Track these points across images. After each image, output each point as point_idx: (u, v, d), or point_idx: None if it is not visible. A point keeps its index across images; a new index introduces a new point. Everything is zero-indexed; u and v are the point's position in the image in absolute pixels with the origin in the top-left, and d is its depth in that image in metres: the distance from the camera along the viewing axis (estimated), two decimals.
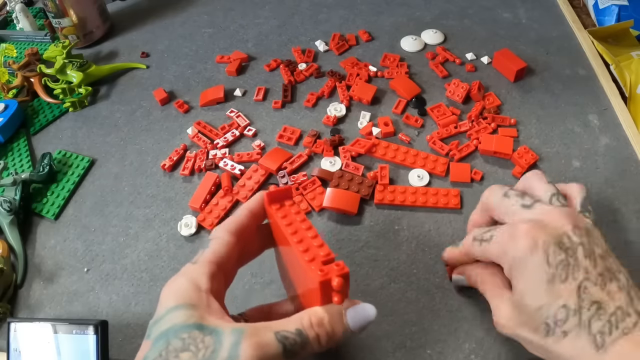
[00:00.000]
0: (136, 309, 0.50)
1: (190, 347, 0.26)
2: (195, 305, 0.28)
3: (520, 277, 0.33)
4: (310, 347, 0.28)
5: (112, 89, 0.75)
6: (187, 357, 0.25)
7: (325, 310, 0.29)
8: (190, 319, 0.27)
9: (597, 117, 0.61)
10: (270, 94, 0.70)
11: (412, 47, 0.73)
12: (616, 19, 0.72)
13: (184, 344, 0.26)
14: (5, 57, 0.77)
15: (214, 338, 0.26)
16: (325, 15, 0.82)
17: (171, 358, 0.25)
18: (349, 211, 0.53)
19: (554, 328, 0.31)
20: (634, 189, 0.54)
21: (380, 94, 0.67)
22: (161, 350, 0.26)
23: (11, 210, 0.57)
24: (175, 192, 0.60)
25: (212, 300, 0.28)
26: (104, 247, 0.56)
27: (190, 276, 0.30)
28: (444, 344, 0.44)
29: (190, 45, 0.80)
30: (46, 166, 0.61)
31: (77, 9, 0.78)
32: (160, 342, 0.26)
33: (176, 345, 0.26)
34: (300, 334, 0.28)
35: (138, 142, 0.66)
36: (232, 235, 0.32)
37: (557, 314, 0.31)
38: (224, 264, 0.31)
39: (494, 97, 0.64)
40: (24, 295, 0.53)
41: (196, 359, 0.25)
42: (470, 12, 0.79)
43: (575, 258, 0.32)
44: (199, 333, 0.26)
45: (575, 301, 0.31)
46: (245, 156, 0.61)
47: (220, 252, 0.31)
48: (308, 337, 0.28)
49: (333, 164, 0.58)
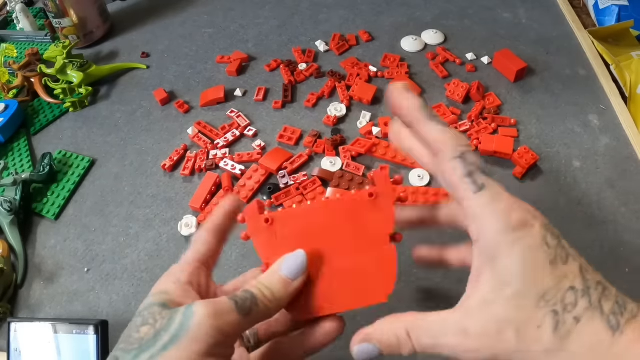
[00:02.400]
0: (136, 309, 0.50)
1: (149, 321, 0.27)
2: (167, 292, 0.29)
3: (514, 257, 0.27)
4: (262, 303, 0.28)
5: (112, 89, 0.75)
6: (146, 329, 0.26)
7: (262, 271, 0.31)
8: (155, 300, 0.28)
9: (597, 117, 0.61)
10: (271, 94, 0.70)
11: (413, 47, 0.73)
12: (616, 19, 0.72)
13: (143, 319, 0.27)
14: (6, 57, 0.77)
15: (171, 310, 0.27)
16: (325, 16, 0.82)
17: (133, 333, 0.26)
18: None
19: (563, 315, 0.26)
20: (634, 189, 0.54)
21: (380, 94, 0.67)
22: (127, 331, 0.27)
23: (11, 210, 0.57)
24: (175, 192, 0.60)
25: (188, 290, 0.29)
26: (104, 247, 0.56)
27: (170, 273, 0.31)
28: None
29: (190, 46, 0.80)
30: (46, 166, 0.61)
31: (77, 9, 0.79)
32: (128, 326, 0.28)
33: (137, 322, 0.27)
34: (246, 291, 0.29)
35: (138, 142, 0.66)
36: (210, 234, 0.33)
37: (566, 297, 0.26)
38: (205, 260, 0.32)
39: (494, 97, 0.64)
40: (24, 295, 0.53)
41: (154, 329, 0.26)
42: (471, 12, 0.79)
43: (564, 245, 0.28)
44: (159, 309, 0.27)
45: (581, 282, 0.27)
46: (246, 156, 0.61)
47: (201, 250, 0.32)
48: (254, 293, 0.29)
49: (333, 164, 0.58)
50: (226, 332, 0.26)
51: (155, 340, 0.25)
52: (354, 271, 0.31)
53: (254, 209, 0.32)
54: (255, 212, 0.32)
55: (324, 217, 0.32)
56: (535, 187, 0.55)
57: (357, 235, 0.31)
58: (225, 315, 0.27)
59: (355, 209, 0.31)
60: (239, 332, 0.28)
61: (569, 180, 0.55)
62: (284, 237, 0.32)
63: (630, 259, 0.48)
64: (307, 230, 0.32)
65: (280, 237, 0.32)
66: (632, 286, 0.46)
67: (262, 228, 0.32)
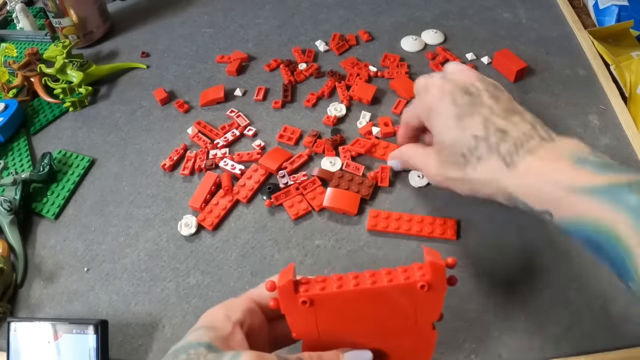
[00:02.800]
0: (136, 308, 0.50)
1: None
2: (215, 329, 0.28)
3: (435, 121, 0.40)
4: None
5: (112, 88, 0.75)
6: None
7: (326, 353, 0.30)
8: (202, 338, 0.27)
9: (597, 117, 0.61)
10: (271, 93, 0.70)
11: (412, 47, 0.73)
12: (616, 19, 0.72)
13: (188, 358, 0.26)
14: (6, 56, 0.77)
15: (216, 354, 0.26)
16: (325, 15, 0.82)
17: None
18: (349, 211, 0.53)
19: (469, 156, 0.37)
20: None
21: (380, 94, 0.67)
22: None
23: (11, 210, 0.57)
24: (175, 191, 0.60)
25: (237, 331, 0.28)
26: (104, 247, 0.56)
27: (226, 306, 0.30)
28: (444, 344, 0.44)
29: (190, 45, 0.80)
30: (46, 166, 0.61)
31: (77, 8, 0.78)
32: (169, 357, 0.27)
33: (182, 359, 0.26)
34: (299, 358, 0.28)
35: (138, 142, 0.66)
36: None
37: (469, 143, 0.37)
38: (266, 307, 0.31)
39: None
40: (24, 295, 0.53)
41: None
42: (470, 12, 0.79)
43: (480, 99, 0.38)
44: (205, 350, 0.26)
45: (482, 131, 0.37)
46: (246, 156, 0.61)
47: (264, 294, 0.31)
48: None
49: (333, 164, 0.58)
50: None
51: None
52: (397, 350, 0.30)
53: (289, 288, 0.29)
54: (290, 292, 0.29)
55: (367, 304, 0.30)
56: None
57: (401, 321, 0.30)
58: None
59: (403, 295, 0.29)
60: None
61: None
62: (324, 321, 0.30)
63: None
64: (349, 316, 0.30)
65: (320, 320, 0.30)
66: None
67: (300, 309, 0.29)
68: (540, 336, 0.44)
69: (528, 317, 0.45)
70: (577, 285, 0.47)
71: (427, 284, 0.28)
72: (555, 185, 0.33)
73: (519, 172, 0.35)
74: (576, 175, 0.33)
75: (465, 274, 0.48)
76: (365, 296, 0.29)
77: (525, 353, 0.43)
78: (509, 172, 0.35)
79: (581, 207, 0.31)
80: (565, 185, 0.32)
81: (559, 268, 0.48)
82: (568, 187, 0.32)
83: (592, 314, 0.45)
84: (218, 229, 0.55)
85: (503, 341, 0.43)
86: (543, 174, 0.34)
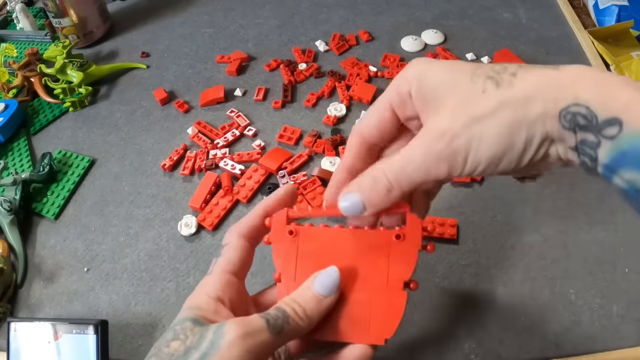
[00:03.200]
0: (136, 308, 0.50)
1: (179, 336, 0.26)
2: (199, 307, 0.28)
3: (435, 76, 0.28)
4: (293, 321, 0.28)
5: (112, 88, 0.75)
6: (176, 345, 0.26)
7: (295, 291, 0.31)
8: (188, 315, 0.28)
9: None
10: (271, 93, 0.70)
11: (413, 47, 0.73)
12: (616, 19, 0.72)
13: (174, 334, 0.27)
14: (6, 57, 0.77)
15: (202, 327, 0.27)
16: (325, 15, 0.82)
17: (163, 348, 0.26)
18: None
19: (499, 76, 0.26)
20: None
21: (380, 94, 0.67)
22: (157, 344, 0.27)
23: (11, 210, 0.57)
24: (175, 192, 0.60)
25: (220, 307, 0.29)
26: (104, 247, 0.56)
27: (203, 286, 0.30)
28: (444, 344, 0.44)
29: (190, 45, 0.80)
30: (46, 166, 0.61)
31: (77, 8, 0.78)
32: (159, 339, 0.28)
33: (168, 336, 0.27)
34: (278, 308, 0.28)
35: (138, 142, 0.66)
36: (244, 239, 0.32)
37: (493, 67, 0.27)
38: (238, 270, 0.31)
39: None
40: (24, 295, 0.53)
41: (184, 346, 0.26)
42: (470, 12, 0.79)
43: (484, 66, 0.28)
44: (191, 324, 0.27)
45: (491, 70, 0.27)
46: (246, 156, 0.61)
47: (233, 259, 0.31)
48: (285, 309, 0.28)
49: (333, 164, 0.58)
50: (257, 353, 0.26)
51: (184, 357, 0.25)
52: (361, 306, 0.31)
53: (282, 217, 0.32)
54: (282, 221, 0.32)
55: (346, 244, 0.31)
56: (535, 187, 0.55)
57: (374, 271, 0.31)
58: (256, 335, 0.26)
59: (379, 244, 0.31)
60: (270, 351, 0.27)
61: (569, 180, 0.55)
62: (304, 253, 0.31)
63: (630, 259, 0.48)
64: (327, 253, 0.31)
65: (300, 252, 0.31)
66: (632, 286, 0.46)
67: (285, 238, 0.32)
68: (540, 336, 0.44)
69: (528, 317, 0.45)
70: (578, 286, 0.47)
71: (402, 234, 0.30)
72: (625, 84, 0.24)
73: (571, 73, 0.25)
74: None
75: (465, 274, 0.48)
76: (345, 237, 0.31)
77: (525, 353, 0.43)
78: (560, 73, 0.25)
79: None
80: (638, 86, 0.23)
81: (559, 268, 0.48)
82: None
83: (592, 314, 0.45)
84: (218, 229, 0.55)
85: (503, 341, 0.43)
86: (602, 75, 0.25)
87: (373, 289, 0.31)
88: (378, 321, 0.30)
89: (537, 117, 0.25)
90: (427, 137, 0.27)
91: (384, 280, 0.31)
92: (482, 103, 0.26)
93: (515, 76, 0.26)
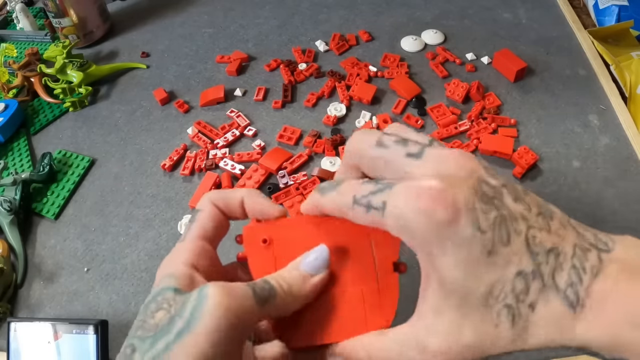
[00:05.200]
0: (136, 308, 0.50)
1: (163, 306, 0.26)
2: (176, 276, 0.28)
3: (450, 262, 0.23)
4: (279, 296, 0.27)
5: (112, 88, 0.75)
6: (161, 314, 0.26)
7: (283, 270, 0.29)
8: (167, 284, 0.27)
9: (597, 117, 0.61)
10: (271, 94, 0.70)
11: (412, 47, 0.73)
12: (616, 19, 0.72)
13: (157, 305, 0.26)
14: (6, 57, 0.77)
15: (185, 295, 0.26)
16: (325, 15, 0.82)
17: (148, 320, 0.26)
18: None
19: (517, 308, 0.23)
20: (634, 189, 0.54)
21: (380, 94, 0.67)
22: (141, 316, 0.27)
23: (11, 210, 0.57)
24: (175, 192, 0.60)
25: (195, 275, 0.28)
26: (104, 247, 0.56)
27: (177, 253, 0.30)
28: None
29: (190, 45, 0.80)
30: (46, 166, 0.61)
31: (77, 8, 0.78)
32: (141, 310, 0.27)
33: (152, 308, 0.26)
34: (265, 281, 0.27)
35: (138, 142, 0.66)
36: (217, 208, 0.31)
37: (516, 286, 0.23)
38: (212, 237, 0.31)
39: (494, 97, 0.64)
40: (24, 295, 0.53)
41: (169, 314, 0.25)
42: (470, 12, 0.79)
43: (507, 207, 0.24)
44: (173, 294, 0.26)
45: (529, 260, 0.23)
46: (246, 156, 0.61)
47: (207, 226, 0.30)
48: (273, 285, 0.27)
49: (333, 164, 0.58)
50: (242, 319, 0.25)
51: (170, 327, 0.25)
52: (354, 299, 0.29)
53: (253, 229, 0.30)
54: (254, 232, 0.30)
55: (323, 236, 0.30)
56: (535, 187, 0.55)
57: (359, 259, 0.30)
58: (241, 300, 0.25)
59: (358, 230, 0.29)
60: (255, 321, 0.26)
61: (569, 180, 0.55)
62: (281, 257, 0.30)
63: None
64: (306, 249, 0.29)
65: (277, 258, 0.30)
66: None
67: (259, 249, 0.30)
68: None
69: None
70: None
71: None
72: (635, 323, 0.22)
73: (588, 315, 0.23)
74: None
75: None
76: (321, 228, 0.30)
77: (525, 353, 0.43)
78: (576, 315, 0.23)
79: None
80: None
81: None
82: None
83: None
84: None
85: None
86: (617, 310, 0.23)
87: (361, 280, 0.30)
88: (374, 309, 0.29)
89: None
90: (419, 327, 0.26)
91: (371, 266, 0.30)
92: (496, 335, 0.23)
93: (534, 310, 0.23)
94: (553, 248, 0.23)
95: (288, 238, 0.30)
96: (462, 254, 0.23)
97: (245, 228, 0.30)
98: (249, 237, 0.30)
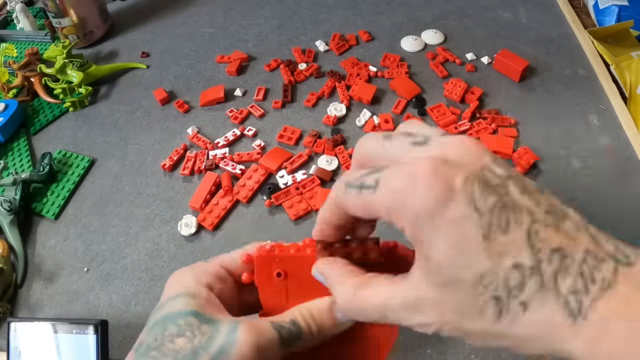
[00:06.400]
0: (136, 308, 0.50)
1: (185, 333, 0.26)
2: (194, 295, 0.28)
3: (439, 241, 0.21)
4: (305, 337, 0.27)
5: (112, 88, 0.75)
6: (182, 342, 0.25)
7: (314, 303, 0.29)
8: (188, 307, 0.27)
9: (597, 117, 0.61)
10: (271, 94, 0.70)
11: (412, 47, 0.73)
12: (616, 19, 0.72)
13: (179, 330, 0.26)
14: (6, 57, 0.77)
15: (210, 326, 0.26)
16: (325, 15, 0.82)
17: (166, 343, 0.25)
18: None
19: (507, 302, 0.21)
20: (634, 189, 0.54)
21: (380, 94, 0.67)
22: (157, 335, 0.26)
23: (11, 210, 0.57)
24: (175, 192, 0.60)
25: (212, 296, 0.28)
26: (104, 247, 0.56)
27: (196, 270, 0.29)
28: (444, 344, 0.44)
29: (190, 45, 0.80)
30: (46, 166, 0.61)
31: (77, 8, 0.78)
32: (156, 327, 0.27)
33: (172, 331, 0.26)
34: (294, 323, 0.27)
35: (138, 142, 0.66)
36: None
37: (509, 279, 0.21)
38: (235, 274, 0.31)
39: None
40: (24, 295, 0.53)
41: (192, 344, 0.25)
42: (470, 12, 0.79)
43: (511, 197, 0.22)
44: (195, 320, 0.26)
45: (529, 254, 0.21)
46: (246, 156, 0.61)
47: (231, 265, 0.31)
48: (301, 326, 0.27)
49: (330, 163, 0.58)
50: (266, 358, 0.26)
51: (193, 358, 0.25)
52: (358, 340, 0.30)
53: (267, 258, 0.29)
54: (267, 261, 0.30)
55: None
56: None
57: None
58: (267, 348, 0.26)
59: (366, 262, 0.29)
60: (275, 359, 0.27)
61: (569, 180, 0.55)
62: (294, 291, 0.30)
63: None
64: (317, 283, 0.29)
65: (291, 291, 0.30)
66: None
67: (273, 281, 0.30)
68: None
69: None
70: None
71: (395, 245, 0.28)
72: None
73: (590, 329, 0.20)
74: None
75: None
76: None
77: None
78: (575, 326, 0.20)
79: None
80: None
81: None
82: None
83: None
84: (218, 229, 0.55)
85: None
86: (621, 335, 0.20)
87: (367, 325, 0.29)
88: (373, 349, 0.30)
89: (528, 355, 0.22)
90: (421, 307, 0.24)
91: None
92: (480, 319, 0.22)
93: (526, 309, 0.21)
94: (559, 248, 0.21)
95: (302, 274, 0.29)
96: (453, 233, 0.21)
97: (257, 257, 0.29)
98: (262, 267, 0.30)
